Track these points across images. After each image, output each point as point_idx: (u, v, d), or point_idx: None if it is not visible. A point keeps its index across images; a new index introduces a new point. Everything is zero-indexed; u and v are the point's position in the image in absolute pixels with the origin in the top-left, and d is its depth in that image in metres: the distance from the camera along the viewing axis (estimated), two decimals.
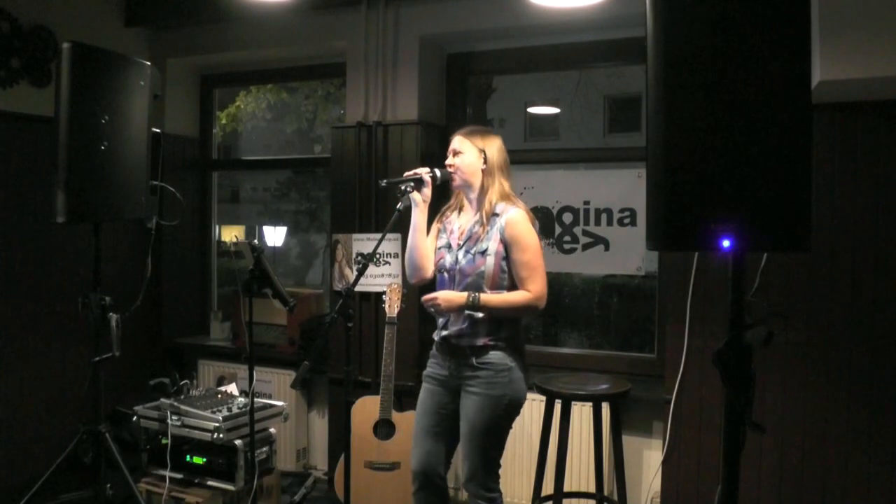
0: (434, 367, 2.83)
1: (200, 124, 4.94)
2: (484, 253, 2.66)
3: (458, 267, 2.72)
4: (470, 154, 2.75)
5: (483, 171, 2.75)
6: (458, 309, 2.67)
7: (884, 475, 2.92)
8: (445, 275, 2.77)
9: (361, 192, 3.99)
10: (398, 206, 2.75)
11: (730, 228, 1.58)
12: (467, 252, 2.70)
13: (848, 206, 2.96)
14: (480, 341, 2.66)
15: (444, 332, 2.74)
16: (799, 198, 1.57)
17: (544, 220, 3.84)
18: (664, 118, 1.61)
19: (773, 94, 1.56)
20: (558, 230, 3.81)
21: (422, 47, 3.93)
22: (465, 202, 2.84)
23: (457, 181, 2.78)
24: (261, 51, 4.44)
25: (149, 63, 2.97)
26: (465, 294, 2.64)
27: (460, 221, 2.82)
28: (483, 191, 2.74)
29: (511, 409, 2.70)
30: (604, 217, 3.72)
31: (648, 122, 1.64)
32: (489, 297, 2.64)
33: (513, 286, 2.68)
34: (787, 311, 3.04)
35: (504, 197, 2.73)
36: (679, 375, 3.26)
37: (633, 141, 8.60)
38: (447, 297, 2.67)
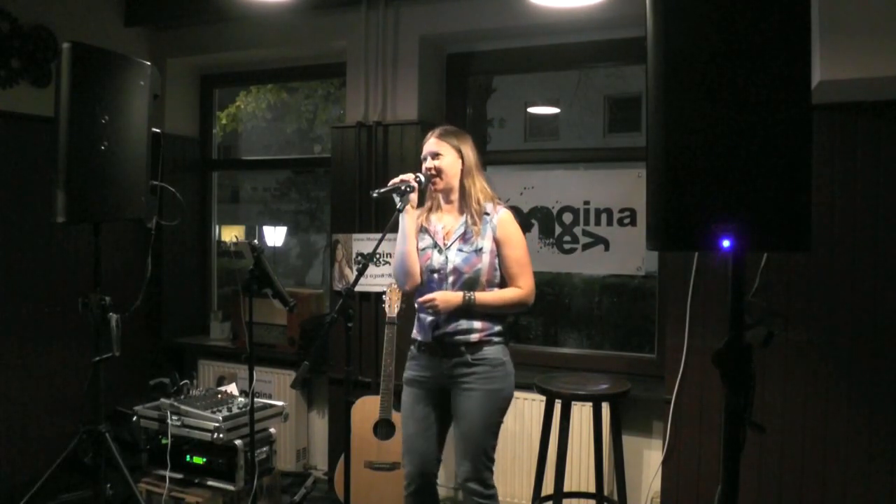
0: (417, 369, 2.83)
1: (200, 124, 4.94)
2: (480, 251, 2.72)
3: (451, 266, 2.73)
4: (449, 155, 2.79)
5: (462, 171, 2.80)
6: (454, 308, 2.70)
7: (884, 475, 2.92)
8: (435, 275, 2.78)
9: (361, 192, 3.99)
10: (398, 207, 2.76)
11: (730, 228, 1.58)
12: (460, 251, 2.73)
13: (848, 206, 2.96)
14: (475, 337, 2.70)
15: (438, 332, 2.74)
16: (799, 198, 1.57)
17: (544, 220, 3.84)
18: (664, 118, 1.60)
19: (773, 94, 1.56)
20: (558, 230, 3.81)
21: (422, 47, 3.93)
22: (443, 203, 2.86)
23: (440, 185, 2.79)
24: (261, 51, 4.44)
25: (149, 63, 2.96)
26: (460, 294, 2.69)
27: (443, 222, 2.84)
28: (465, 190, 2.80)
29: (506, 403, 2.76)
30: (604, 217, 3.72)
31: (648, 122, 1.64)
32: (484, 296, 2.70)
33: (503, 283, 2.76)
34: (787, 311, 3.04)
35: (487, 196, 2.81)
36: (679, 375, 3.26)
37: (633, 141, 8.60)
38: (445, 297, 2.70)
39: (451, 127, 2.93)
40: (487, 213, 2.76)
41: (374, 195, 2.76)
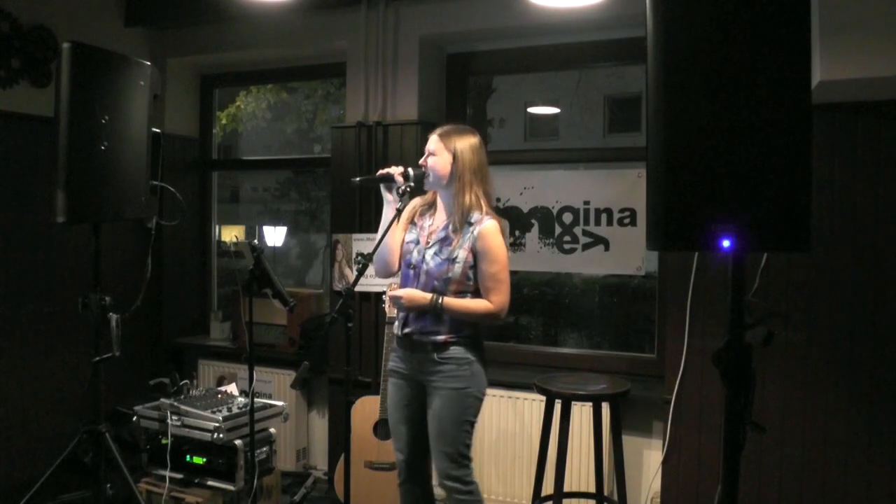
0: (396, 361, 2.86)
1: (200, 124, 4.94)
2: (454, 260, 2.69)
3: (424, 267, 2.74)
4: (441, 156, 2.74)
5: (452, 173, 2.72)
6: (420, 309, 2.71)
7: (884, 475, 2.92)
8: (411, 271, 2.79)
9: (361, 192, 3.99)
10: (398, 207, 2.76)
11: (730, 228, 1.58)
12: (436, 255, 2.73)
13: (848, 206, 2.96)
14: (442, 338, 2.70)
15: (407, 329, 2.76)
16: (799, 198, 1.57)
17: (544, 220, 3.84)
18: (664, 118, 1.61)
19: (773, 94, 1.56)
20: (558, 230, 3.81)
21: (422, 47, 3.93)
22: (439, 201, 2.85)
23: (428, 183, 2.79)
24: (261, 51, 4.44)
25: (149, 63, 2.96)
26: (428, 296, 2.69)
27: (432, 220, 2.84)
28: (454, 194, 2.73)
29: (474, 401, 2.74)
30: (604, 217, 3.71)
31: (648, 122, 1.64)
32: (451, 302, 2.68)
33: (477, 292, 2.72)
34: (787, 311, 3.04)
35: (478, 205, 2.71)
36: (679, 375, 3.26)
37: (633, 141, 8.60)
38: (411, 296, 2.71)
39: (455, 126, 2.85)
40: (471, 223, 2.69)
41: (356, 182, 2.79)
